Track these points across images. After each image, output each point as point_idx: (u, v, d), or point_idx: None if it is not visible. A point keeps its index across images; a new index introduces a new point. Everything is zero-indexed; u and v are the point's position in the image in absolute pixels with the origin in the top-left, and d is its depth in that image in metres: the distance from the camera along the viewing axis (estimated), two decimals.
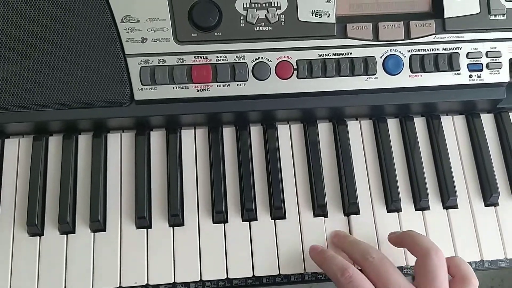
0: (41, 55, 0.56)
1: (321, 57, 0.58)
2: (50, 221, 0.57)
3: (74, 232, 0.57)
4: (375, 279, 0.50)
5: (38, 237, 0.56)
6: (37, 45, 0.56)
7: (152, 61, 0.56)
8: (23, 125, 0.58)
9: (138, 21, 0.56)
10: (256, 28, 0.57)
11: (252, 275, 0.56)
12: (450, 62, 0.59)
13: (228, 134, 0.62)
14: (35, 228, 0.56)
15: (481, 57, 0.59)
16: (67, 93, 0.56)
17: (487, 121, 0.64)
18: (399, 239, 0.55)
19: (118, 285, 0.55)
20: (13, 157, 0.59)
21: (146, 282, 0.55)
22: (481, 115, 0.64)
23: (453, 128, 0.63)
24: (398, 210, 0.59)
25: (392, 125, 0.63)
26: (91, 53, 0.56)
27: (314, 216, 0.59)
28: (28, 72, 0.56)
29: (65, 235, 0.56)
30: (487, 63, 0.59)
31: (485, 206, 0.60)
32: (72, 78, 0.56)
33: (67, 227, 0.56)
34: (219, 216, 0.58)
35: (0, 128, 0.59)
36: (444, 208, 0.60)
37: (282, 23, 0.57)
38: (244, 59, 0.57)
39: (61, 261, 0.55)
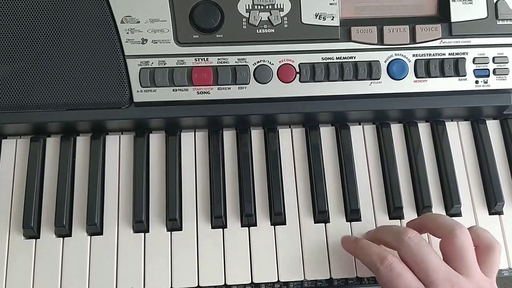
0: (40, 55, 0.55)
1: (324, 61, 0.57)
2: (47, 223, 0.56)
3: (70, 235, 0.56)
4: (413, 264, 0.49)
5: (34, 240, 0.56)
6: (36, 45, 0.55)
7: (152, 63, 0.56)
8: (20, 126, 0.58)
9: (139, 22, 0.55)
10: (259, 31, 0.56)
11: (250, 281, 0.55)
12: (456, 68, 0.58)
13: (229, 137, 0.61)
14: (31, 230, 0.55)
15: (487, 63, 0.58)
16: (65, 94, 0.55)
17: (493, 127, 0.62)
18: (420, 224, 0.54)
19: None
20: (10, 158, 0.58)
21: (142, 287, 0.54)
22: (487, 121, 0.62)
23: (458, 134, 0.62)
24: (400, 217, 0.58)
25: (396, 130, 0.62)
26: (90, 54, 0.55)
27: (314, 222, 0.58)
28: (26, 72, 0.55)
29: (61, 238, 0.56)
30: (494, 69, 0.58)
31: (490, 214, 0.59)
32: (71, 79, 0.55)
33: (63, 230, 0.55)
34: (218, 221, 0.57)
35: None
36: None
37: (285, 25, 0.56)
38: (245, 61, 0.56)
39: (57, 265, 0.55)
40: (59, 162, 0.58)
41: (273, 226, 0.57)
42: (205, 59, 0.56)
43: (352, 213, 0.58)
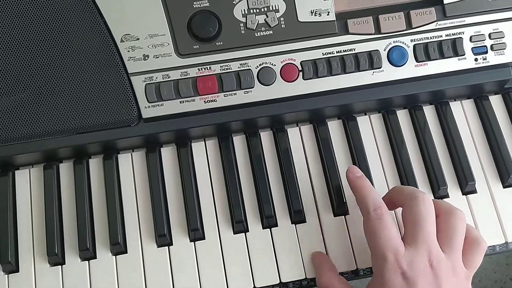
0: (44, 82, 0.55)
1: (325, 56, 0.57)
2: (70, 248, 0.56)
3: (95, 257, 0.56)
4: (410, 222, 0.49)
5: (60, 266, 0.56)
6: (39, 73, 0.55)
7: (156, 78, 0.56)
8: (31, 155, 0.58)
9: (138, 39, 0.56)
10: (257, 34, 0.57)
11: (279, 281, 0.56)
12: (454, 48, 0.58)
13: (239, 142, 0.61)
14: (56, 257, 0.55)
15: (484, 40, 0.59)
16: (73, 118, 0.55)
17: (496, 102, 0.63)
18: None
19: None
20: (25, 188, 0.58)
21: None
22: (490, 97, 0.63)
23: (463, 113, 0.63)
24: None
25: (402, 116, 0.62)
26: (94, 76, 0.55)
27: (334, 216, 0.58)
28: (32, 101, 0.55)
29: (87, 261, 0.56)
30: (491, 45, 0.59)
31: (504, 187, 0.60)
32: (78, 103, 0.55)
33: (88, 253, 0.56)
34: (239, 225, 0.57)
35: (8, 161, 0.58)
36: (463, 194, 0.59)
37: (282, 26, 0.57)
38: (248, 66, 0.57)
39: None
40: (75, 186, 0.58)
41: (294, 225, 0.58)
42: (208, 68, 0.56)
43: None
